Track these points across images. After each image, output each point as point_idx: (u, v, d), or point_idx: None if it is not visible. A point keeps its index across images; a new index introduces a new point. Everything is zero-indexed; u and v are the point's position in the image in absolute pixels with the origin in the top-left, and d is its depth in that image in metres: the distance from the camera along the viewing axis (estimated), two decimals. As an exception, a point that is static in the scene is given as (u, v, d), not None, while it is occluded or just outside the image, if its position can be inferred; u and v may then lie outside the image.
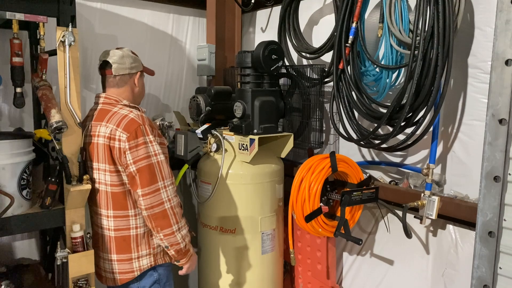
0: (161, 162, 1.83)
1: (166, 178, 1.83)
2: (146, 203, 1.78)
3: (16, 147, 1.92)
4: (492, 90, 1.42)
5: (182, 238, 1.86)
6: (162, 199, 1.80)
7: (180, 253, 1.89)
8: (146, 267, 1.93)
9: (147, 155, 1.80)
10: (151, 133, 1.83)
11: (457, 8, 1.75)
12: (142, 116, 1.87)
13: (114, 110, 1.89)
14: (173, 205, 1.83)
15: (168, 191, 1.82)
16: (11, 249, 2.54)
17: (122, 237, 1.90)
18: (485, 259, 1.47)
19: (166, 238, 1.83)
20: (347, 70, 2.07)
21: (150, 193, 1.78)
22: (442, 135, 2.03)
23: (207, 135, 2.37)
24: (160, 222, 1.80)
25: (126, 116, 1.84)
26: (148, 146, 1.81)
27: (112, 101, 1.94)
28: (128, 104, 1.94)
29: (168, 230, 1.81)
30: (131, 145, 1.78)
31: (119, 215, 1.90)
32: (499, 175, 1.41)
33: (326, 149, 2.58)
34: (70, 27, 1.88)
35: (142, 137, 1.80)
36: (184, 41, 3.18)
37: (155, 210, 1.79)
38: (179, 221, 1.84)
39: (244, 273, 2.36)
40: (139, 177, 1.78)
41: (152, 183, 1.79)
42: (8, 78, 2.06)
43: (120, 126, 1.82)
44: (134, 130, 1.80)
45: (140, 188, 1.78)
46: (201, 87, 2.75)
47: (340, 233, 2.03)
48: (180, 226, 1.85)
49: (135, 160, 1.78)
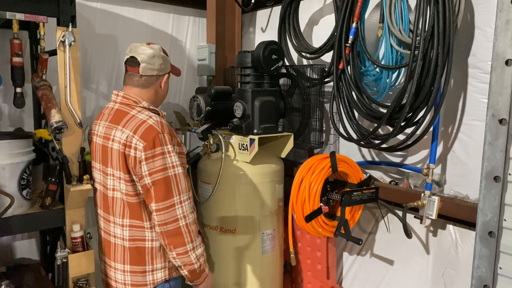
0: (178, 175, 1.68)
1: (183, 192, 1.68)
2: (160, 219, 1.65)
3: (16, 147, 1.92)
4: (492, 90, 1.42)
5: (196, 258, 1.71)
6: (177, 215, 1.66)
7: (194, 274, 1.74)
8: (160, 281, 1.80)
9: (164, 167, 1.65)
10: (170, 143, 1.68)
11: (457, 8, 1.75)
12: (162, 122, 1.70)
13: (132, 113, 1.72)
14: (188, 223, 1.68)
15: (184, 207, 1.68)
16: (11, 249, 2.54)
17: (136, 248, 1.77)
18: (485, 259, 1.47)
19: (179, 257, 1.70)
20: (347, 70, 2.07)
21: (164, 208, 1.65)
22: (442, 135, 2.03)
23: (207, 135, 2.37)
24: (173, 240, 1.67)
25: (145, 122, 1.67)
26: (166, 157, 1.66)
27: (130, 102, 1.77)
28: (148, 107, 1.77)
29: (181, 249, 1.68)
30: (147, 155, 1.63)
31: (135, 225, 1.76)
32: (499, 175, 1.41)
33: (326, 149, 2.58)
34: (70, 27, 1.88)
35: (160, 147, 1.65)
36: (184, 41, 3.19)
37: (169, 227, 1.66)
38: (194, 239, 1.70)
39: (244, 273, 2.36)
40: (154, 191, 1.65)
41: (167, 198, 1.65)
42: (8, 78, 2.07)
43: (137, 133, 1.65)
44: (152, 139, 1.64)
45: (154, 202, 1.65)
46: (201, 87, 2.75)
47: (340, 233, 2.03)
48: (195, 245, 1.71)
49: (150, 171, 1.64)
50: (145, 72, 1.76)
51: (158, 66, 1.78)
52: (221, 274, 2.38)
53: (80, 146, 1.96)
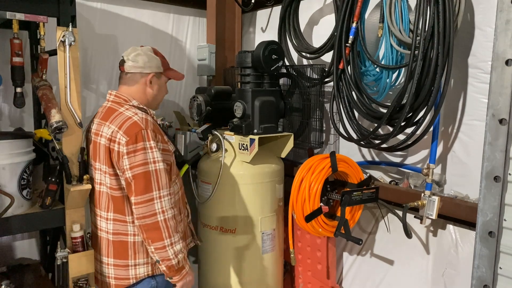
0: (159, 170, 1.72)
1: (163, 188, 1.72)
2: (138, 213, 1.70)
3: (16, 147, 1.92)
4: (492, 90, 1.42)
5: (174, 254, 1.72)
6: (155, 210, 1.69)
7: (171, 270, 1.75)
8: (142, 276, 1.84)
9: (145, 161, 1.70)
10: (152, 139, 1.73)
11: (457, 8, 1.75)
12: (147, 119, 1.76)
13: (120, 111, 1.81)
14: (167, 218, 1.71)
15: (163, 202, 1.71)
16: (11, 249, 2.54)
17: (120, 242, 1.83)
18: (485, 259, 1.47)
19: (157, 252, 1.72)
20: (347, 70, 2.07)
21: (143, 202, 1.69)
22: (442, 135, 2.03)
23: (207, 135, 2.37)
24: (151, 234, 1.70)
25: (130, 119, 1.75)
26: (147, 152, 1.71)
27: (121, 100, 1.86)
28: (137, 105, 1.85)
29: (159, 244, 1.70)
30: (129, 150, 1.70)
31: (119, 219, 1.82)
32: (499, 175, 1.41)
33: (326, 149, 2.58)
34: (70, 27, 1.88)
35: (142, 142, 1.71)
36: (184, 41, 3.19)
37: (147, 221, 1.69)
38: (171, 235, 1.72)
39: (244, 273, 2.36)
40: (134, 184, 1.70)
41: (147, 192, 1.69)
42: (8, 78, 2.06)
43: (121, 128, 1.73)
44: (135, 134, 1.71)
45: (134, 196, 1.70)
46: (201, 87, 2.75)
47: (340, 233, 2.03)
48: (173, 241, 1.72)
49: (131, 165, 1.70)
50: (129, 69, 1.86)
51: (142, 63, 1.86)
52: (221, 274, 2.38)
53: (80, 146, 1.96)
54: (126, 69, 1.86)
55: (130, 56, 1.86)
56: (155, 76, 1.90)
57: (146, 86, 1.89)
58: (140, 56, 1.86)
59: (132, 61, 1.85)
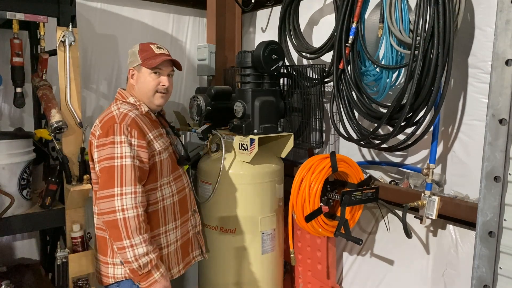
0: (125, 166, 1.63)
1: (126, 185, 1.62)
2: (99, 208, 1.64)
3: (16, 147, 1.92)
4: (492, 90, 1.42)
5: (134, 257, 1.61)
6: (115, 207, 1.60)
7: (135, 274, 1.65)
8: (120, 277, 1.77)
9: (111, 156, 1.64)
10: (124, 134, 1.66)
11: (457, 8, 1.75)
12: (126, 114, 1.72)
13: (111, 106, 1.82)
14: (127, 217, 1.60)
15: (125, 200, 1.61)
16: (11, 249, 2.54)
17: (101, 237, 1.81)
18: (485, 259, 1.47)
19: (118, 252, 1.64)
20: (347, 70, 2.07)
21: (104, 197, 1.63)
22: (442, 135, 2.03)
23: (207, 135, 2.37)
24: (111, 232, 1.63)
25: (111, 113, 1.74)
26: (116, 146, 1.65)
27: (118, 97, 1.87)
28: (133, 102, 1.83)
29: (119, 244, 1.62)
30: (99, 143, 1.68)
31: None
32: (499, 175, 1.41)
33: (326, 149, 2.58)
34: (70, 27, 1.88)
35: (112, 136, 1.66)
36: (184, 41, 3.19)
37: (105, 218, 1.63)
38: (131, 236, 1.60)
39: (244, 273, 2.36)
40: (99, 178, 1.67)
41: (108, 187, 1.62)
42: (8, 78, 2.07)
43: (101, 122, 1.73)
44: (107, 128, 1.68)
45: (98, 190, 1.66)
46: (201, 87, 2.75)
47: (340, 233, 2.03)
48: (133, 243, 1.61)
49: (99, 159, 1.67)
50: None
51: (128, 61, 1.89)
52: (221, 274, 2.38)
53: (80, 146, 1.97)
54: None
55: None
56: (135, 69, 1.87)
57: (131, 81, 1.88)
58: (129, 55, 1.90)
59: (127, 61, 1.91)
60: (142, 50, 1.85)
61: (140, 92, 1.86)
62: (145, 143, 1.73)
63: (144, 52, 1.84)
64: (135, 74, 1.86)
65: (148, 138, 1.77)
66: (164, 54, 1.86)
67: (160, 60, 1.81)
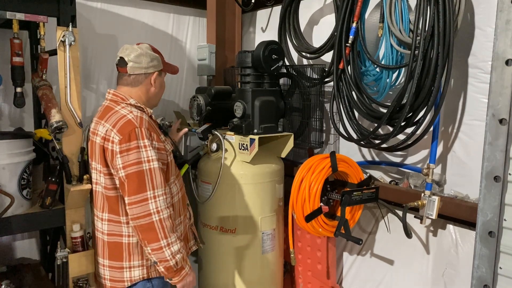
0: (153, 169, 1.67)
1: (157, 187, 1.67)
2: (132, 213, 1.66)
3: (16, 147, 1.92)
4: (492, 90, 1.42)
5: (171, 255, 1.68)
6: (150, 210, 1.65)
7: (170, 271, 1.71)
8: (137, 279, 1.80)
9: (138, 160, 1.66)
10: (146, 137, 1.69)
11: (457, 8, 1.75)
12: (142, 118, 1.73)
13: (116, 109, 1.78)
14: (162, 218, 1.66)
15: (158, 202, 1.66)
16: (11, 249, 2.54)
17: (114, 243, 1.80)
18: (485, 259, 1.47)
19: (153, 253, 1.68)
20: (347, 70, 2.07)
21: (136, 202, 1.65)
22: (442, 135, 2.03)
23: (207, 135, 2.37)
24: (146, 235, 1.66)
25: (124, 117, 1.72)
26: (141, 151, 1.67)
27: (118, 99, 1.82)
28: (134, 104, 1.81)
29: (155, 245, 1.66)
30: (122, 149, 1.66)
31: (113, 219, 1.79)
32: (499, 175, 1.41)
33: (326, 149, 2.58)
34: (70, 27, 1.88)
35: (135, 141, 1.67)
36: (184, 41, 3.19)
37: (141, 222, 1.65)
38: (168, 236, 1.67)
39: (244, 273, 2.36)
40: (127, 184, 1.66)
41: (140, 191, 1.65)
42: (8, 78, 2.07)
43: (115, 127, 1.70)
44: (128, 132, 1.67)
45: (127, 195, 1.66)
46: (201, 87, 2.75)
47: (340, 233, 2.03)
48: (170, 242, 1.67)
49: (124, 165, 1.66)
50: (133, 71, 1.82)
51: (145, 64, 1.83)
52: (221, 274, 2.38)
53: (80, 146, 1.96)
54: (129, 71, 1.81)
55: (131, 57, 1.81)
56: (157, 74, 1.88)
57: (150, 86, 1.87)
58: (142, 56, 1.82)
59: (134, 62, 1.81)
60: (159, 53, 1.90)
61: (156, 96, 1.91)
62: (163, 145, 1.80)
63: (161, 56, 1.90)
64: (157, 78, 1.88)
65: (161, 139, 1.82)
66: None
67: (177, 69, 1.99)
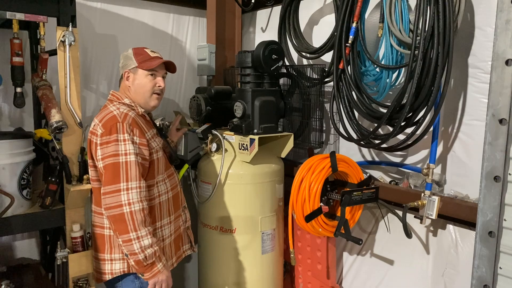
0: (129, 162, 1.72)
1: (131, 180, 1.71)
2: (105, 203, 1.71)
3: (16, 147, 1.92)
4: (492, 90, 1.42)
5: (140, 249, 1.69)
6: (121, 201, 1.68)
7: (140, 265, 1.72)
8: (118, 272, 1.84)
9: (115, 153, 1.72)
10: (127, 132, 1.75)
11: (457, 8, 1.75)
12: (127, 114, 1.80)
13: (108, 107, 1.87)
14: (133, 210, 1.68)
15: (131, 194, 1.69)
16: (11, 249, 2.54)
17: (98, 235, 1.88)
18: (485, 259, 1.47)
19: (124, 245, 1.71)
20: (347, 70, 2.07)
21: (109, 192, 1.70)
22: (442, 135, 2.03)
23: (207, 135, 2.37)
24: (117, 226, 1.70)
25: (111, 113, 1.81)
26: (120, 144, 1.73)
27: (114, 98, 1.93)
28: (128, 103, 1.91)
29: (125, 236, 1.69)
30: (102, 141, 1.74)
31: (97, 211, 1.88)
32: (499, 175, 1.41)
33: (326, 149, 2.58)
34: (70, 27, 1.88)
35: (115, 134, 1.74)
36: (184, 41, 3.19)
37: (112, 212, 1.69)
38: (137, 229, 1.68)
39: (244, 273, 2.36)
40: (104, 175, 1.73)
41: (114, 182, 1.70)
42: (8, 78, 2.07)
43: (102, 121, 1.79)
44: (110, 126, 1.75)
45: (103, 186, 1.73)
46: (201, 87, 2.75)
47: (340, 233, 2.03)
48: (140, 235, 1.69)
49: (103, 156, 1.74)
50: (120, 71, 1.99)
51: (122, 64, 1.97)
52: (221, 274, 2.38)
53: (80, 146, 1.97)
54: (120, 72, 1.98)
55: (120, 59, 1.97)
56: (131, 71, 1.93)
57: (126, 83, 1.95)
58: (122, 58, 1.96)
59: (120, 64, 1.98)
60: (136, 53, 1.94)
61: (137, 93, 1.94)
62: (146, 141, 1.84)
63: (140, 55, 1.93)
64: (131, 76, 1.93)
65: (147, 137, 1.86)
66: (159, 57, 1.97)
67: (158, 62, 1.93)
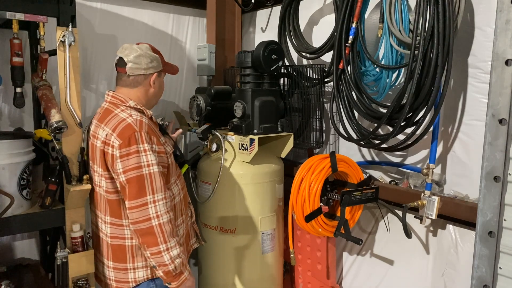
0: (153, 173, 1.67)
1: (157, 192, 1.67)
2: (132, 217, 1.67)
3: (16, 147, 1.92)
4: (492, 90, 1.42)
5: (170, 260, 1.68)
6: (149, 214, 1.65)
7: (169, 276, 1.72)
8: (141, 280, 1.82)
9: (138, 165, 1.66)
10: (146, 141, 1.69)
11: (457, 8, 1.75)
12: (141, 121, 1.72)
13: (116, 112, 1.77)
14: (162, 223, 1.66)
15: (158, 207, 1.67)
16: (11, 249, 2.54)
17: (117, 246, 1.81)
18: (485, 259, 1.47)
19: (153, 257, 1.69)
20: (347, 70, 2.07)
21: (136, 206, 1.66)
22: (442, 135, 2.03)
23: (207, 135, 2.37)
24: (146, 239, 1.67)
25: (124, 121, 1.71)
26: (141, 155, 1.67)
27: (117, 101, 1.82)
28: (134, 106, 1.80)
29: (154, 249, 1.67)
30: (122, 153, 1.66)
31: (115, 223, 1.81)
32: (499, 175, 1.41)
33: (326, 149, 2.58)
34: (70, 27, 1.88)
35: (135, 145, 1.66)
36: (184, 41, 3.19)
37: (141, 226, 1.66)
38: (167, 240, 1.67)
39: (244, 273, 2.36)
40: (128, 188, 1.67)
41: (140, 196, 1.65)
42: (8, 78, 2.07)
43: (115, 131, 1.70)
44: (128, 137, 1.67)
45: (128, 200, 1.67)
46: (201, 87, 2.75)
47: (340, 233, 2.03)
48: (169, 246, 1.68)
49: (125, 169, 1.66)
50: (132, 71, 1.81)
51: (145, 65, 1.82)
52: (221, 274, 2.38)
53: (80, 146, 1.96)
54: (128, 72, 1.80)
55: (131, 57, 1.79)
56: (157, 75, 1.87)
57: (150, 87, 1.86)
58: (142, 57, 1.81)
59: (134, 63, 1.79)
60: (159, 53, 1.89)
61: (155, 96, 1.91)
62: (163, 148, 1.79)
63: (161, 56, 1.90)
64: (156, 79, 1.87)
65: (161, 142, 1.82)
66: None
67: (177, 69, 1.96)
